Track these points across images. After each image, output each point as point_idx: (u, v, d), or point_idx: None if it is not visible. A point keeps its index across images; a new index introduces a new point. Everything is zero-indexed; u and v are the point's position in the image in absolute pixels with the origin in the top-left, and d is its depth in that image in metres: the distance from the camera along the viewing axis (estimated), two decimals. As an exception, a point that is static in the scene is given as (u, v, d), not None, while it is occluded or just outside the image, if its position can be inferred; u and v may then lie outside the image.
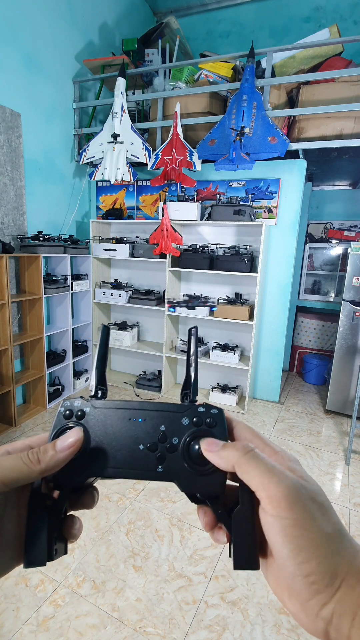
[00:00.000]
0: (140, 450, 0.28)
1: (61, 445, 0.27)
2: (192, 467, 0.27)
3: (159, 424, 0.29)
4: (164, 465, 0.28)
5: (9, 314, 2.50)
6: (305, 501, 0.23)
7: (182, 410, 0.29)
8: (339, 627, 0.21)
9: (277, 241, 3.08)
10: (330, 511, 0.24)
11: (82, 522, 0.30)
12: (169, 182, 2.94)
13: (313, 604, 0.22)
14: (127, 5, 3.92)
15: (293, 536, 0.22)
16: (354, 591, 0.21)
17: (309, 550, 0.22)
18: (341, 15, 3.72)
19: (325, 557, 0.22)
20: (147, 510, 1.96)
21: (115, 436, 0.29)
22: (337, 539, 0.23)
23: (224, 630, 1.36)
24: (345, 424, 3.05)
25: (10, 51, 2.57)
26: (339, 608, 0.21)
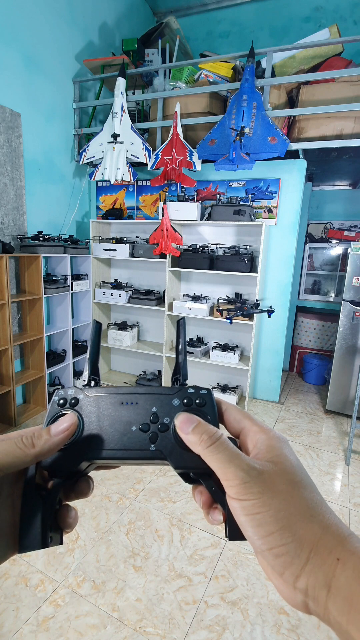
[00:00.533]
0: (133, 431, 0.29)
1: (55, 430, 0.27)
2: (183, 444, 0.28)
3: (150, 406, 0.30)
4: (157, 444, 0.29)
5: (9, 314, 2.50)
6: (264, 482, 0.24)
7: (173, 392, 0.30)
8: (316, 598, 0.21)
9: (277, 241, 3.08)
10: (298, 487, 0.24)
11: (77, 512, 0.30)
12: (169, 182, 2.94)
13: (287, 576, 0.22)
14: (127, 5, 3.92)
15: (252, 514, 0.23)
16: (325, 562, 0.22)
17: (269, 525, 0.23)
18: (341, 15, 3.72)
19: (286, 528, 0.23)
20: (147, 510, 1.96)
21: (108, 420, 0.30)
22: (303, 512, 0.23)
23: (224, 630, 1.36)
24: (345, 424, 3.05)
25: (10, 51, 2.57)
26: (312, 580, 0.22)
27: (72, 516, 0.29)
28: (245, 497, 0.24)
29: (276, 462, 0.26)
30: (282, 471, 0.25)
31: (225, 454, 0.25)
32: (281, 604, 1.47)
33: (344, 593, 0.21)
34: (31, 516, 0.27)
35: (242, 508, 0.24)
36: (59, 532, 0.29)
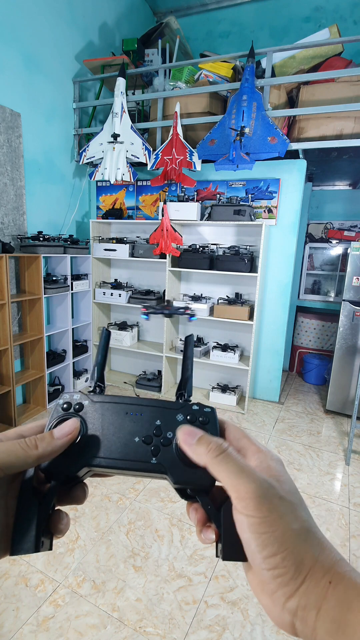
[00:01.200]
0: (136, 442, 0.29)
1: (58, 433, 0.28)
2: (184, 460, 0.28)
3: (154, 419, 0.30)
4: (158, 457, 0.29)
5: (9, 314, 2.50)
6: (272, 500, 0.24)
7: (177, 407, 0.30)
8: (305, 619, 0.22)
9: (277, 241, 3.08)
10: (299, 509, 0.25)
11: (69, 519, 0.30)
12: (169, 182, 2.94)
13: (279, 596, 0.23)
14: (127, 5, 3.92)
15: (259, 533, 0.23)
16: (318, 584, 0.22)
17: (274, 546, 0.23)
18: (341, 15, 3.72)
19: (289, 552, 0.23)
20: (147, 510, 1.96)
21: (111, 428, 0.30)
22: (303, 535, 0.24)
23: (224, 630, 1.36)
24: (345, 424, 3.05)
25: (10, 51, 2.57)
26: (303, 600, 0.22)
27: (63, 522, 0.29)
28: (254, 514, 0.24)
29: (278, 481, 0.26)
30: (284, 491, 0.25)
31: (235, 464, 0.25)
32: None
33: (332, 615, 0.21)
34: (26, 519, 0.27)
35: (249, 525, 0.24)
36: (49, 537, 0.29)
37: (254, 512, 0.24)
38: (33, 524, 0.26)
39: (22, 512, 0.27)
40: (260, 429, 2.90)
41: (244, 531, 0.24)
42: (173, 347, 3.42)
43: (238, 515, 0.25)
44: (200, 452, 0.26)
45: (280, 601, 0.23)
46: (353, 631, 0.20)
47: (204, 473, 0.27)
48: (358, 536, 1.84)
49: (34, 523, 0.26)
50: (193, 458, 0.27)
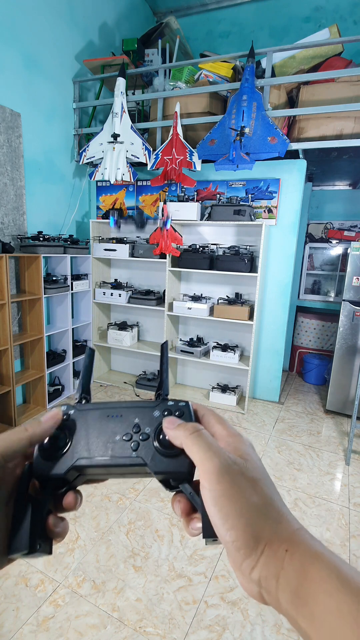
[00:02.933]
0: (117, 440, 0.31)
1: (44, 418, 0.32)
2: (161, 451, 0.30)
3: (133, 418, 0.32)
4: (138, 451, 0.31)
5: (9, 314, 2.50)
6: (233, 475, 0.26)
7: (154, 405, 0.33)
8: (268, 588, 0.23)
9: (277, 241, 3.08)
10: (260, 484, 0.27)
11: (67, 523, 0.31)
12: (169, 182, 2.94)
13: (245, 568, 0.24)
14: (127, 5, 3.92)
15: (221, 505, 0.25)
16: (276, 554, 0.23)
17: (234, 518, 0.25)
18: (341, 15, 3.72)
19: (248, 524, 0.24)
20: (147, 510, 1.96)
21: (95, 432, 0.32)
22: (262, 508, 0.25)
23: (224, 630, 1.36)
24: (345, 424, 3.05)
25: (10, 51, 2.57)
26: (264, 571, 0.23)
27: (60, 526, 0.30)
28: (215, 487, 0.26)
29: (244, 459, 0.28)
30: (247, 468, 0.27)
31: (205, 442, 0.28)
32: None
33: (291, 584, 0.22)
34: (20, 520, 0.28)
35: (212, 498, 0.26)
36: (48, 541, 0.30)
37: (216, 485, 0.25)
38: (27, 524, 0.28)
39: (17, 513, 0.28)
40: (260, 429, 2.90)
41: (208, 505, 0.26)
42: (173, 347, 3.42)
43: (203, 490, 0.27)
44: (178, 434, 0.29)
45: (246, 572, 0.24)
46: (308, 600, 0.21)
47: (181, 461, 0.30)
48: (358, 536, 1.84)
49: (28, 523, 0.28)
50: (173, 441, 0.29)
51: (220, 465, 0.26)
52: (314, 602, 0.21)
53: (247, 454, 0.28)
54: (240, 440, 0.30)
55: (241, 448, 0.29)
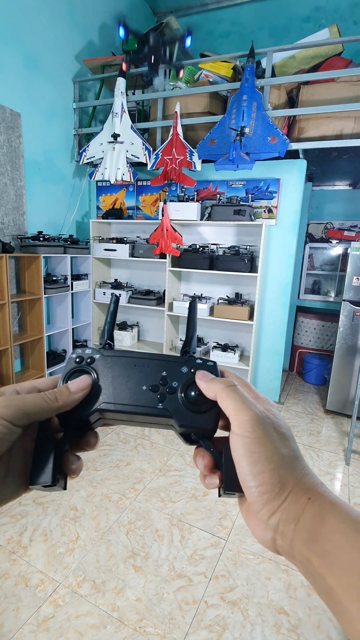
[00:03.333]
0: (144, 390, 0.32)
1: (74, 387, 0.31)
2: (188, 406, 0.31)
3: (161, 370, 0.33)
4: (164, 403, 0.31)
5: (9, 314, 2.50)
6: (267, 427, 0.28)
7: (182, 361, 0.33)
8: (284, 532, 0.25)
9: (277, 241, 3.08)
10: (289, 440, 0.29)
11: (82, 461, 0.33)
12: (169, 182, 2.94)
13: (263, 513, 0.26)
14: (127, 5, 3.92)
15: (252, 451, 0.27)
16: (298, 501, 0.25)
17: (264, 464, 0.26)
18: (341, 15, 3.72)
19: (276, 471, 0.26)
20: (147, 510, 1.96)
21: (120, 378, 0.32)
22: (290, 459, 0.27)
23: (224, 630, 1.36)
24: (345, 424, 3.05)
25: (10, 51, 2.57)
26: (284, 515, 0.25)
27: (76, 463, 0.32)
28: (249, 435, 0.27)
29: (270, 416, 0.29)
30: (277, 424, 0.29)
31: (240, 396, 0.29)
32: (281, 604, 1.47)
33: (308, 526, 0.24)
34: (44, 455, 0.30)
35: (243, 444, 0.27)
36: (64, 477, 0.31)
37: (250, 432, 0.27)
38: (50, 460, 0.29)
39: (40, 450, 0.30)
40: (260, 429, 2.90)
41: (238, 450, 0.27)
42: (173, 347, 3.42)
43: (235, 437, 0.28)
44: (213, 385, 0.30)
45: (264, 518, 0.26)
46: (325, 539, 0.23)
47: (206, 417, 0.31)
48: (358, 536, 1.84)
49: (51, 459, 0.29)
50: (205, 391, 0.30)
51: (255, 416, 0.28)
52: (329, 540, 0.23)
53: (276, 415, 0.30)
54: (269, 403, 0.31)
55: (271, 410, 0.30)
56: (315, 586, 0.24)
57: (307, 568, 0.24)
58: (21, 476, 0.30)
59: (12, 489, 0.30)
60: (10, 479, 0.29)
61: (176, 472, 2.30)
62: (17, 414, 0.28)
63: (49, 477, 0.29)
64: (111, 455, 2.43)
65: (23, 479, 0.30)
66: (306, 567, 0.24)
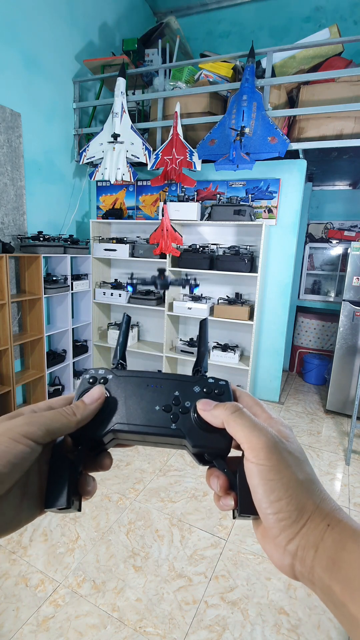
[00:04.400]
0: (157, 410, 0.32)
1: (89, 399, 0.31)
2: (201, 426, 0.31)
3: (173, 390, 0.33)
4: (177, 423, 0.31)
5: (9, 314, 2.50)
6: (281, 452, 0.27)
7: (194, 381, 0.33)
8: (303, 559, 0.24)
9: (277, 241, 3.08)
10: (304, 464, 0.28)
11: (96, 482, 0.33)
12: (169, 182, 2.94)
13: (281, 539, 0.25)
14: (127, 5, 3.92)
15: (268, 479, 0.26)
16: (317, 527, 0.25)
17: (280, 491, 0.26)
18: (341, 15, 3.72)
19: (293, 497, 0.26)
20: (147, 510, 1.96)
21: (134, 398, 0.32)
22: (307, 484, 0.27)
23: (224, 630, 1.36)
24: (345, 424, 3.05)
25: (10, 51, 2.57)
26: (303, 541, 0.25)
27: (91, 484, 0.32)
28: (264, 462, 0.26)
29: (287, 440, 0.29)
30: (291, 448, 0.28)
31: (249, 420, 0.28)
32: (281, 604, 1.47)
33: (328, 552, 0.24)
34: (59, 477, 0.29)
35: (259, 471, 0.26)
36: (78, 498, 0.31)
37: (265, 460, 0.26)
38: (65, 482, 0.29)
39: (55, 472, 0.30)
40: (260, 429, 2.90)
41: (253, 478, 0.27)
42: (173, 347, 3.42)
43: (249, 464, 0.27)
44: (218, 413, 0.29)
45: (282, 544, 0.25)
46: (347, 566, 0.23)
47: (220, 437, 0.30)
48: (358, 536, 1.84)
49: (66, 481, 0.29)
50: (211, 421, 0.30)
51: (268, 441, 0.27)
52: (351, 567, 0.22)
53: (289, 436, 0.29)
54: (281, 423, 0.31)
55: (283, 430, 0.30)
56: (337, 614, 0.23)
57: (328, 595, 0.23)
58: (37, 499, 0.29)
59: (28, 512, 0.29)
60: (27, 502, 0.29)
61: (176, 472, 2.30)
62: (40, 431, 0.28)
63: (64, 500, 0.29)
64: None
65: (39, 501, 0.29)
66: (327, 595, 0.23)
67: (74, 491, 0.30)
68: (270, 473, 0.26)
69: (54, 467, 0.30)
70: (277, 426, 0.30)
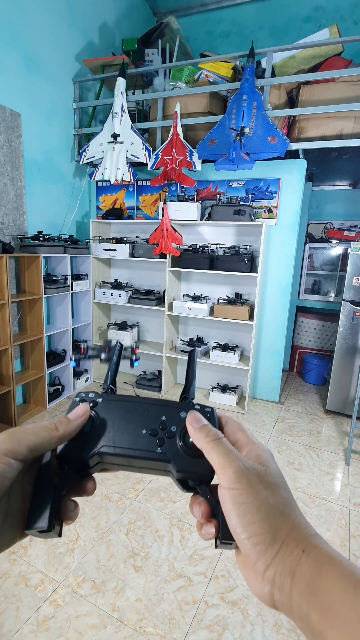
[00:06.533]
0: (143, 434, 0.32)
1: (73, 416, 0.32)
2: (186, 451, 0.31)
3: (160, 415, 0.33)
4: (163, 447, 0.32)
5: (9, 314, 2.50)
6: (251, 477, 0.27)
7: (181, 406, 0.34)
8: (282, 585, 0.24)
9: (277, 241, 3.08)
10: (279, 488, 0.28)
11: (79, 507, 0.32)
12: (169, 182, 2.94)
13: (259, 565, 0.25)
14: (127, 5, 3.92)
15: (239, 502, 0.26)
16: (292, 552, 0.24)
17: (252, 514, 0.26)
18: (341, 15, 3.72)
19: (265, 520, 0.26)
20: (147, 510, 1.96)
21: (121, 422, 0.33)
22: (280, 507, 0.27)
23: (224, 630, 1.36)
24: (345, 424, 3.05)
25: (10, 51, 2.57)
26: (280, 568, 0.24)
27: (73, 509, 0.31)
28: (235, 486, 0.27)
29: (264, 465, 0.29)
30: (267, 473, 0.29)
31: (225, 448, 0.29)
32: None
33: (305, 580, 0.23)
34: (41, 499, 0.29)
35: (231, 496, 0.27)
36: (59, 523, 0.31)
37: (235, 484, 0.27)
38: (48, 504, 0.29)
39: (39, 494, 0.29)
40: (260, 429, 2.90)
41: (227, 503, 0.27)
42: (173, 347, 3.42)
43: (222, 490, 0.28)
44: (200, 436, 0.30)
45: (260, 571, 0.25)
46: (323, 592, 0.22)
47: (204, 463, 0.30)
48: (358, 536, 1.84)
49: (49, 504, 0.29)
50: (193, 439, 0.31)
51: (239, 468, 0.27)
52: (328, 594, 0.22)
53: (267, 462, 0.30)
54: (261, 449, 0.31)
55: (262, 456, 0.30)
56: None
57: (305, 624, 0.23)
58: (20, 521, 0.29)
59: (10, 535, 0.28)
60: (9, 524, 0.28)
61: (176, 472, 2.30)
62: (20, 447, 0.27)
63: (45, 523, 0.28)
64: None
65: (21, 523, 0.29)
66: (305, 623, 0.23)
67: (55, 515, 0.29)
68: (242, 496, 0.26)
69: (37, 489, 0.29)
70: (257, 451, 0.30)
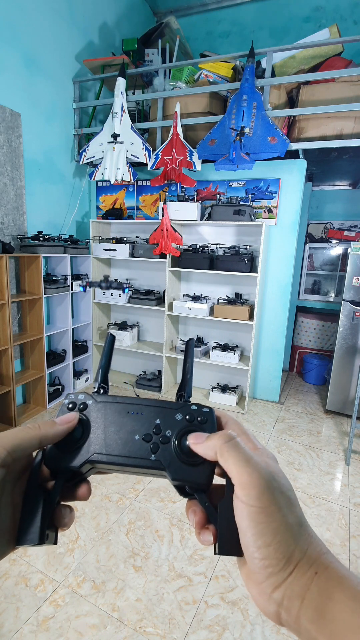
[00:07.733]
0: (136, 440, 0.30)
1: (60, 420, 0.30)
2: (182, 457, 0.29)
3: (154, 418, 0.31)
4: (157, 454, 0.30)
5: (9, 314, 2.50)
6: (273, 492, 0.25)
7: (177, 407, 0.32)
8: (289, 608, 0.23)
9: (277, 241, 3.08)
10: (294, 505, 0.26)
11: (74, 513, 0.31)
12: (169, 182, 2.94)
13: (266, 586, 0.24)
14: (127, 5, 3.92)
15: (257, 522, 0.25)
16: (304, 576, 0.23)
17: (269, 536, 0.24)
18: (341, 15, 3.72)
19: (282, 543, 0.24)
20: (147, 510, 1.96)
21: (113, 427, 0.31)
22: (296, 529, 0.25)
23: (224, 630, 1.36)
24: (345, 424, 3.05)
25: (10, 51, 2.57)
26: (289, 591, 0.23)
27: (68, 516, 0.30)
28: (255, 504, 0.25)
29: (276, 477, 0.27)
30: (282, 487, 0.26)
31: (243, 453, 0.27)
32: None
33: (315, 603, 0.22)
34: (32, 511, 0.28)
35: (249, 513, 0.25)
36: (54, 530, 0.30)
37: (255, 501, 0.25)
38: (38, 517, 0.27)
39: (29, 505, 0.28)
40: (260, 429, 2.90)
41: (243, 519, 0.25)
42: (173, 347, 3.42)
43: (239, 503, 0.26)
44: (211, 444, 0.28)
45: (267, 591, 0.24)
46: (332, 617, 0.22)
47: (201, 471, 0.29)
48: (358, 536, 1.84)
49: (39, 516, 0.28)
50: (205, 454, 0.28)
51: (261, 480, 0.25)
52: (337, 620, 0.21)
53: (279, 472, 0.28)
54: (268, 455, 0.29)
55: (271, 464, 0.28)
56: None
57: None
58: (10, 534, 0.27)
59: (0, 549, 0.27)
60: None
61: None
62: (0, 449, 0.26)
63: (35, 536, 0.27)
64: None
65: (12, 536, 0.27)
66: None
67: (48, 524, 0.28)
68: (261, 515, 0.25)
69: (27, 499, 0.28)
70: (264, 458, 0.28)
